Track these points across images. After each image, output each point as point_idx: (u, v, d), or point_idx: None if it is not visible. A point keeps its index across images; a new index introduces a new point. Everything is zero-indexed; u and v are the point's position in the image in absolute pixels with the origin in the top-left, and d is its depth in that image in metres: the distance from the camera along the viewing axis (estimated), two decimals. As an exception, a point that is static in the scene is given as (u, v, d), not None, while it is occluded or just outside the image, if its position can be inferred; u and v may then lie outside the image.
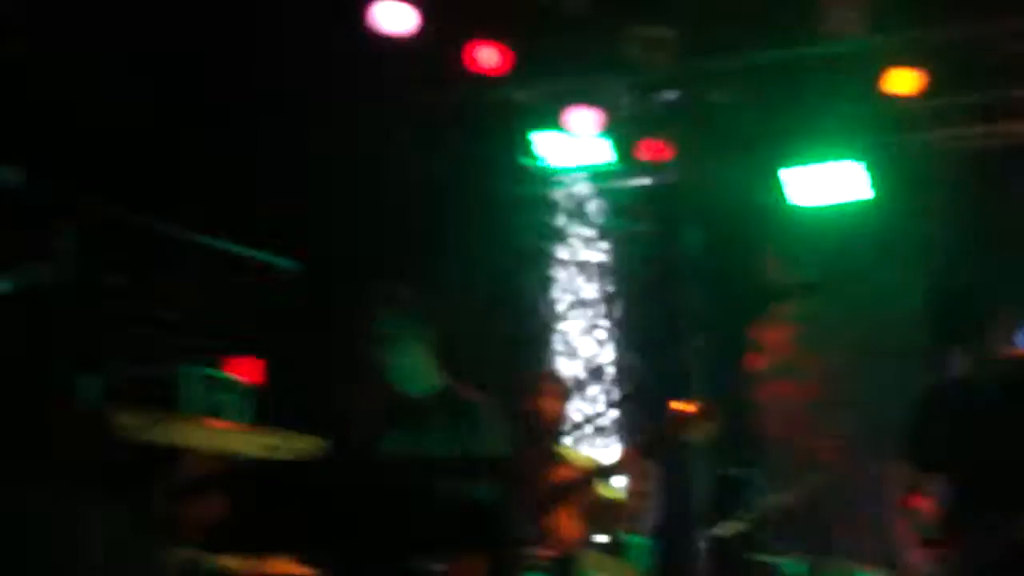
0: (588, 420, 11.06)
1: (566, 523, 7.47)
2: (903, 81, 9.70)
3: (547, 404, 8.01)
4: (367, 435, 6.28)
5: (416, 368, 6.10)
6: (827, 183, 10.15)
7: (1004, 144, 10.17)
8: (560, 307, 11.63)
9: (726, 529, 9.40)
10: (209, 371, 8.80)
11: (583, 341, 11.61)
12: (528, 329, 11.60)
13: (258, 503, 5.37)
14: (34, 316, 8.17)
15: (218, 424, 8.17)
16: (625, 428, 11.01)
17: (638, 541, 8.74)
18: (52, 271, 8.45)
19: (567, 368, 11.29)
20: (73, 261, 8.52)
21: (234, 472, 7.13)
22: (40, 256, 8.39)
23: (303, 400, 8.33)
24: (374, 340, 6.06)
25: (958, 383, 6.59)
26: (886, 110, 9.98)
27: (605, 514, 8.05)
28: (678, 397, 7.92)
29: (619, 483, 8.23)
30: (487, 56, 9.68)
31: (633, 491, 8.23)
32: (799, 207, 10.39)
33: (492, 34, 9.69)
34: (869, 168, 10.09)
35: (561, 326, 11.60)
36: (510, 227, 11.49)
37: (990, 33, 9.57)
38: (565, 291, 11.61)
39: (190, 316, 9.20)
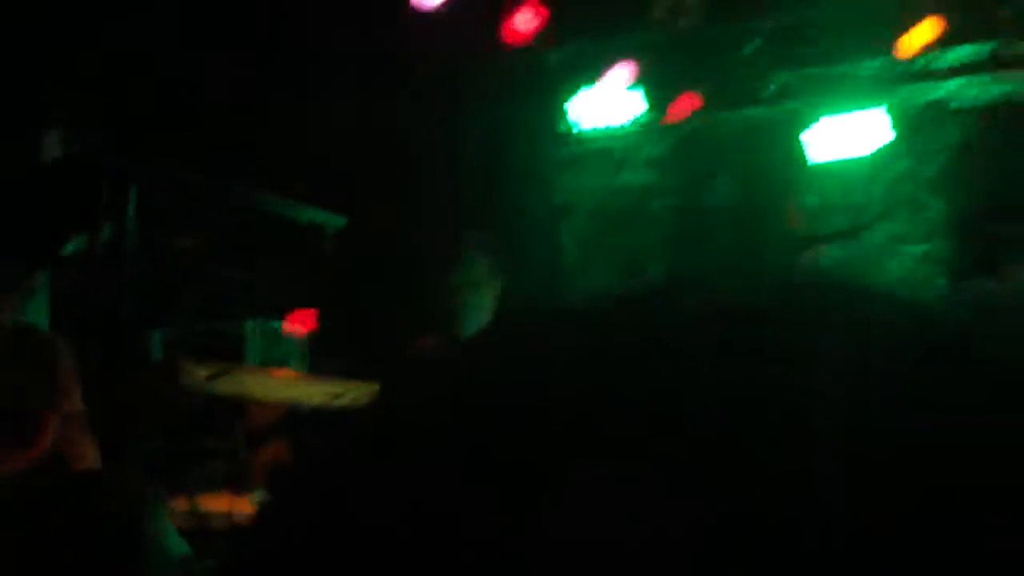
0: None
1: None
2: (922, 33, 9.62)
3: None
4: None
5: (485, 317, 6.35)
6: (852, 134, 10.08)
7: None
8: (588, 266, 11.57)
9: None
10: (273, 323, 9.10)
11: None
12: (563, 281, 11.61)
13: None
14: (108, 273, 8.45)
15: (282, 374, 8.52)
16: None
17: None
18: (121, 232, 8.95)
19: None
20: (139, 223, 8.87)
21: (298, 419, 7.74)
22: (113, 218, 8.85)
23: (363, 348, 8.28)
24: (454, 287, 6.25)
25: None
26: (906, 63, 9.84)
27: None
28: None
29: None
30: (523, 20, 9.71)
31: None
32: (824, 164, 10.42)
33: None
34: (891, 114, 10.00)
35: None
36: (549, 187, 11.60)
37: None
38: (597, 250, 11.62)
39: (253, 273, 9.72)
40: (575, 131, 10.97)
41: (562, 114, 10.84)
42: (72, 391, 6.15)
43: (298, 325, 9.31)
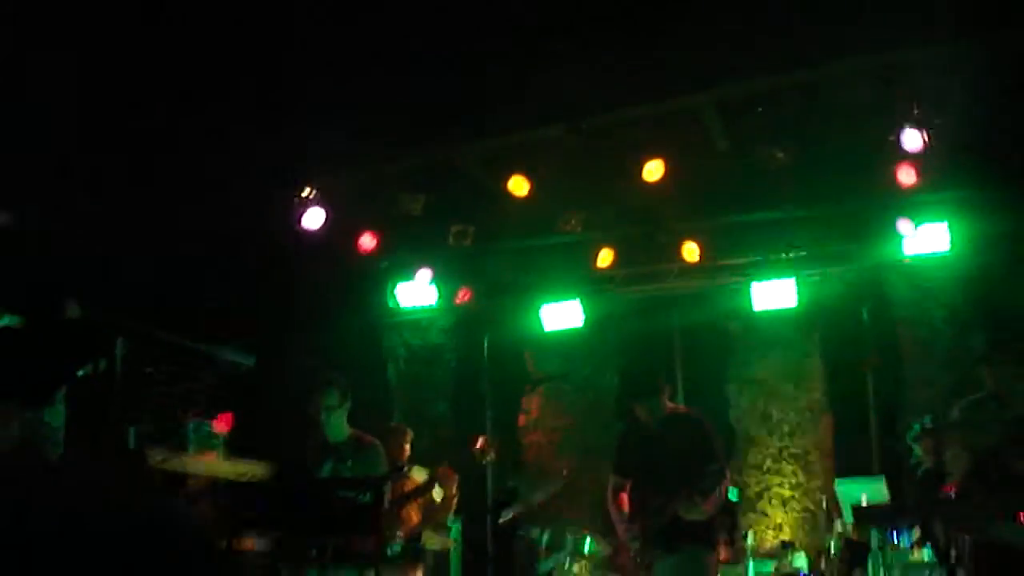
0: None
1: (414, 514, 8.33)
2: (604, 257, 10.69)
3: (404, 446, 8.94)
4: (312, 463, 7.08)
5: (340, 425, 7.14)
6: (560, 314, 11.03)
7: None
8: (408, 391, 12.17)
9: (506, 516, 9.75)
10: (203, 424, 8.52)
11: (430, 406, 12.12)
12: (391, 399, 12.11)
13: (232, 506, 6.29)
14: (101, 392, 9.53)
15: (209, 458, 8.02)
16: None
17: (455, 523, 9.35)
18: (110, 365, 9.79)
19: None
20: (121, 359, 9.75)
21: (219, 487, 7.11)
22: (104, 355, 9.64)
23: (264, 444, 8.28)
24: (321, 407, 7.09)
25: (639, 424, 7.26)
26: (594, 273, 10.94)
27: (435, 507, 8.72)
28: (479, 436, 8.63)
29: (440, 490, 8.65)
30: (366, 241, 10.46)
31: (448, 494, 8.85)
32: (547, 331, 11.21)
33: (370, 227, 10.39)
34: (583, 303, 10.98)
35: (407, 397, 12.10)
36: (380, 341, 12.28)
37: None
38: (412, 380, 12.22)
39: (192, 390, 9.29)
40: (398, 307, 11.68)
41: (391, 296, 11.55)
42: None
43: (222, 425, 8.74)
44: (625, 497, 7.17)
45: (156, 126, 8.62)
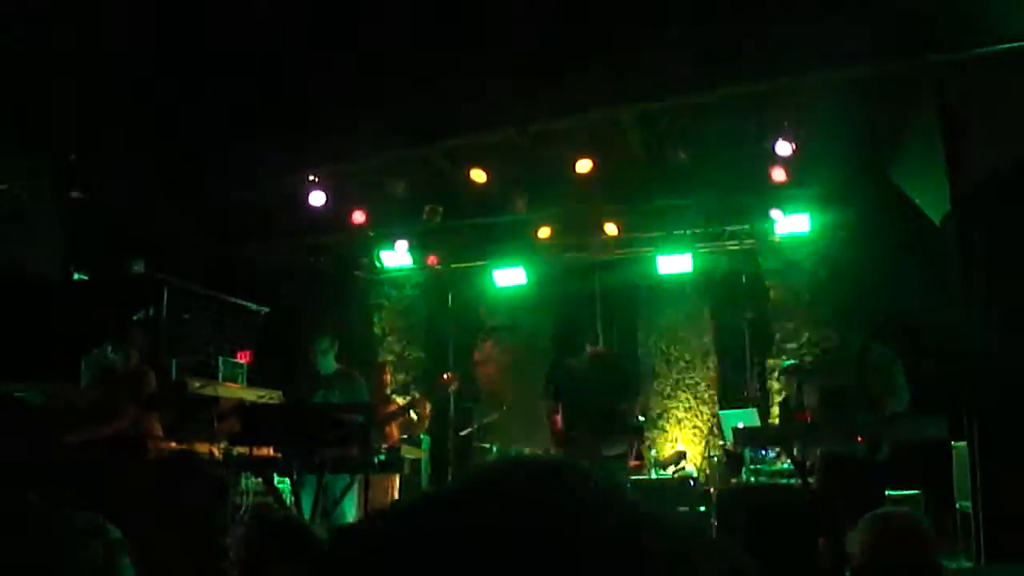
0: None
1: (394, 431, 8.18)
2: (544, 232, 10.78)
3: (385, 378, 9.07)
4: (306, 392, 7.07)
5: (329, 362, 7.09)
6: (509, 275, 10.97)
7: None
8: (389, 335, 12.13)
9: (466, 431, 10.29)
10: (229, 358, 9.38)
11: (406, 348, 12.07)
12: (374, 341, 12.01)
13: (254, 423, 6.25)
14: (150, 342, 8.09)
15: (234, 385, 8.78)
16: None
17: (425, 438, 9.37)
18: (157, 311, 9.11)
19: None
20: (167, 314, 9.05)
21: (243, 407, 7.42)
22: (154, 303, 9.05)
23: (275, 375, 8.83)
24: (316, 350, 7.06)
25: (568, 362, 7.28)
26: (537, 244, 10.93)
27: (411, 426, 8.74)
28: (445, 371, 9.20)
29: (415, 413, 8.72)
30: (358, 216, 10.36)
31: (422, 416, 8.90)
32: (500, 288, 11.23)
33: (360, 205, 10.27)
34: (526, 268, 10.90)
35: (389, 340, 12.07)
36: (366, 296, 12.18)
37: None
38: (392, 327, 12.17)
39: (221, 333, 9.90)
40: (383, 267, 11.67)
41: (377, 259, 11.53)
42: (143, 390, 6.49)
43: (243, 359, 9.66)
44: (558, 418, 7.08)
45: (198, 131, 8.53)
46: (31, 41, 7.32)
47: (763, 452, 8.44)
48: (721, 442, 10.03)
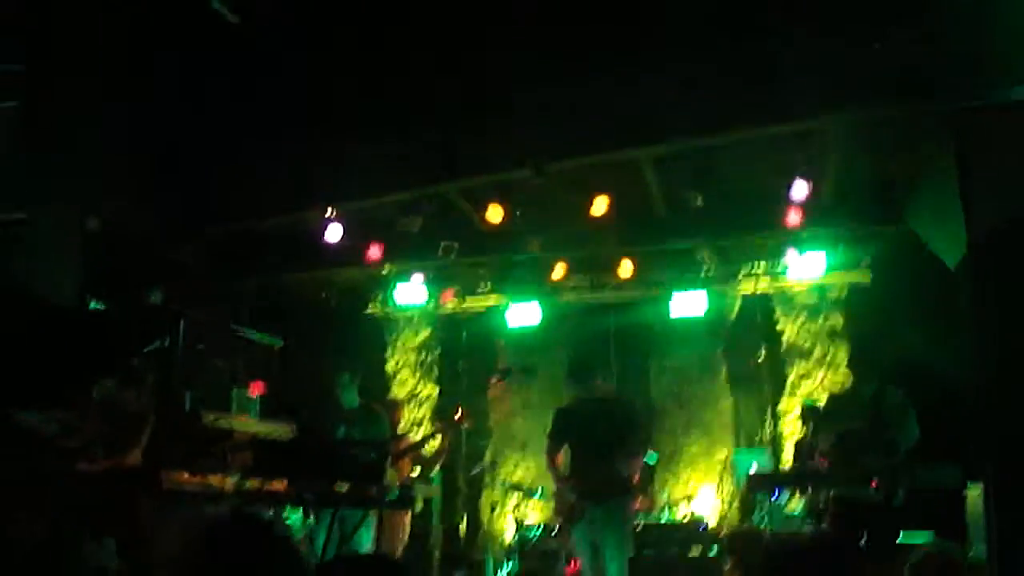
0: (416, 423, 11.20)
1: (407, 467, 8.29)
2: (558, 271, 10.70)
3: (397, 414, 9.07)
4: (329, 426, 7.17)
5: (352, 397, 7.26)
6: (522, 314, 11.02)
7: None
8: (402, 372, 11.96)
9: (476, 469, 10.85)
10: (242, 390, 9.61)
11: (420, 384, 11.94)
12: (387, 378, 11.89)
13: (267, 456, 6.17)
14: (163, 369, 8.34)
15: (246, 418, 8.74)
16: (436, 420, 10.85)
17: (437, 475, 9.14)
18: (172, 342, 8.91)
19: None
20: (178, 347, 8.90)
21: (257, 441, 7.51)
22: (170, 334, 8.85)
23: (291, 407, 8.87)
24: (339, 385, 7.19)
25: (577, 403, 7.20)
26: (550, 283, 10.81)
27: (424, 462, 8.72)
28: (457, 409, 8.99)
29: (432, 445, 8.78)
30: (374, 251, 10.16)
31: (441, 449, 8.80)
32: (513, 328, 11.22)
33: (376, 240, 10.08)
34: (541, 306, 10.92)
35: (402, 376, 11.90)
36: (380, 332, 12.16)
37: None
38: (405, 363, 12.00)
39: (235, 365, 9.98)
40: (397, 304, 11.71)
41: (391, 295, 11.59)
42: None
43: (257, 391, 9.84)
44: (559, 458, 7.10)
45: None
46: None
47: (776, 494, 8.39)
48: (733, 485, 9.97)
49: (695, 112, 7.44)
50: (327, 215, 9.58)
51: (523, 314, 11.09)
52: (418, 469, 8.59)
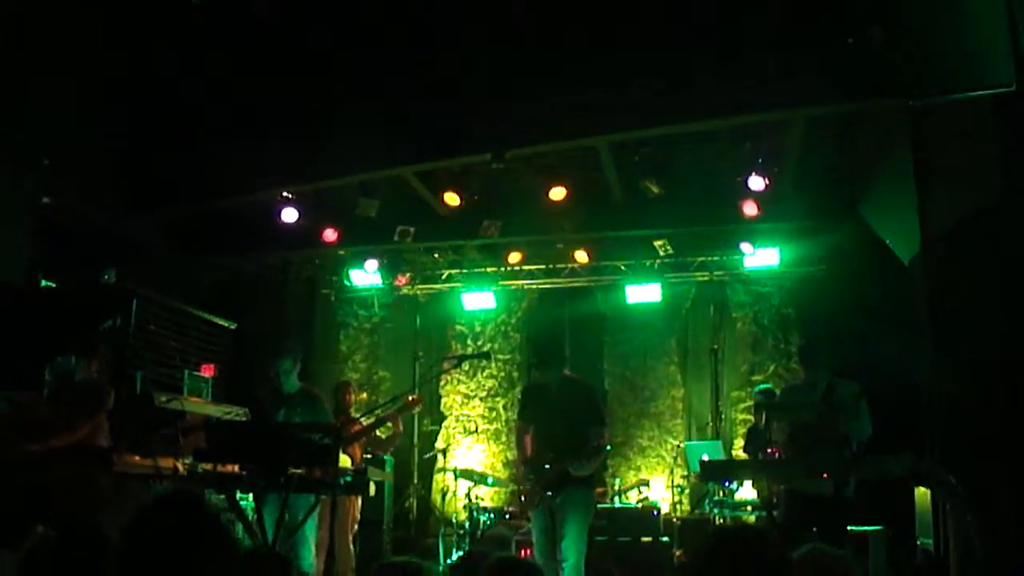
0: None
1: (358, 451, 8.14)
2: (515, 257, 10.84)
3: (348, 397, 8.87)
4: (269, 410, 6.98)
5: (292, 380, 6.98)
6: (477, 300, 11.12)
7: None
8: (355, 355, 11.94)
9: (428, 453, 10.61)
10: (194, 372, 9.35)
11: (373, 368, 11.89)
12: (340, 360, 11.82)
13: (220, 439, 5.99)
14: (116, 353, 8.31)
15: (199, 400, 8.67)
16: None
17: (389, 458, 9.37)
18: (124, 321, 8.83)
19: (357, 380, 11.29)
20: (130, 327, 8.78)
21: (210, 422, 7.16)
22: (122, 313, 8.76)
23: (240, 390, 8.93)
24: (279, 370, 6.94)
25: (540, 384, 6.95)
26: (507, 269, 11.02)
27: (377, 445, 8.64)
28: (412, 392, 8.70)
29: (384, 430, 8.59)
30: (329, 234, 10.21)
31: (395, 432, 8.58)
32: (469, 311, 11.36)
33: (332, 223, 10.13)
34: (496, 292, 11.00)
35: (354, 359, 11.90)
36: (333, 314, 12.07)
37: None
38: (358, 346, 11.98)
39: (188, 347, 9.68)
40: (352, 287, 11.71)
41: (346, 277, 11.56)
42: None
43: (208, 373, 9.56)
44: (528, 440, 6.92)
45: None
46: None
47: (726, 483, 8.40)
48: (684, 473, 10.02)
49: (654, 101, 7.43)
50: (283, 197, 9.53)
51: (478, 300, 11.12)
52: (369, 452, 8.56)
